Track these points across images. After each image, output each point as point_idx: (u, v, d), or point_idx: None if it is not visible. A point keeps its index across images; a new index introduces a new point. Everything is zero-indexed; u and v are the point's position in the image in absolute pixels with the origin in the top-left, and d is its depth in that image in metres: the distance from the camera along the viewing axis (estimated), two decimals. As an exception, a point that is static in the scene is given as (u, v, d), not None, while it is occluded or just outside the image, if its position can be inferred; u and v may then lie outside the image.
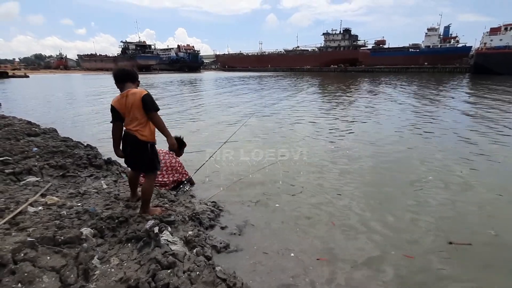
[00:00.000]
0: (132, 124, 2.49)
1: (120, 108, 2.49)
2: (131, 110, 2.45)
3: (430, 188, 4.14)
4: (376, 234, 3.02)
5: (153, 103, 2.48)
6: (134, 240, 2.30)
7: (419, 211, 3.49)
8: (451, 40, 65.74)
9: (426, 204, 3.68)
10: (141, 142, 2.51)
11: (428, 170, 4.82)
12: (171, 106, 13.35)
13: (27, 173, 3.59)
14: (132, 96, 2.45)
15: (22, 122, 7.34)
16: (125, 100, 2.46)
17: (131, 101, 2.44)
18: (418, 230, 3.10)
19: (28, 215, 2.55)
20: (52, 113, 11.59)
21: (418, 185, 4.25)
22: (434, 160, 5.34)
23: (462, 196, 3.91)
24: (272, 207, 3.61)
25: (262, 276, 2.36)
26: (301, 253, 2.68)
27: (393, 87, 23.09)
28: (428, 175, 4.59)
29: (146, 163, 2.63)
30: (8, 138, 5.01)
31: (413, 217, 3.37)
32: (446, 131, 7.77)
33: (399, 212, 3.47)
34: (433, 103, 13.52)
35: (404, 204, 3.69)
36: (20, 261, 1.81)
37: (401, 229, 3.12)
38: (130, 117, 2.48)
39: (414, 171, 4.81)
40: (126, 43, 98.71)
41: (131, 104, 2.44)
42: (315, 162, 5.27)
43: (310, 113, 10.95)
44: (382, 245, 2.84)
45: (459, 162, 5.19)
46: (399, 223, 3.24)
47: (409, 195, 3.94)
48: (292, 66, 78.96)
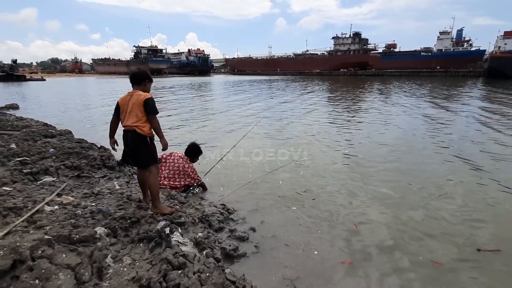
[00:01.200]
0: (131, 120, 2.67)
1: (121, 105, 2.75)
2: (132, 108, 2.67)
3: (453, 194, 4.05)
4: (400, 239, 2.97)
5: (154, 106, 2.70)
6: (146, 240, 2.35)
7: (442, 217, 3.42)
8: (464, 43, 64.43)
9: (449, 210, 3.60)
10: (140, 135, 2.69)
11: (449, 174, 4.74)
12: (180, 109, 13.54)
13: (44, 173, 3.70)
14: (136, 96, 2.70)
15: (39, 123, 7.59)
16: (129, 98, 2.71)
17: (134, 100, 2.68)
18: (444, 236, 3.03)
19: (45, 213, 2.64)
20: (67, 115, 11.94)
21: (440, 190, 4.17)
22: (455, 166, 5.22)
23: (486, 202, 3.82)
24: (281, 210, 3.61)
25: (273, 280, 2.36)
26: (320, 256, 2.67)
27: (405, 91, 22.73)
28: (450, 181, 4.50)
29: (146, 156, 2.79)
30: (26, 139, 5.19)
31: (436, 222, 3.31)
32: (465, 135, 7.61)
33: (422, 218, 3.41)
34: (448, 108, 13.24)
35: (427, 209, 3.62)
36: (38, 258, 1.88)
37: (426, 234, 3.07)
38: (129, 113, 2.68)
39: (435, 176, 4.72)
40: (138, 47, 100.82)
41: (133, 102, 2.67)
42: (326, 166, 5.24)
43: (321, 117, 10.91)
44: (408, 250, 2.79)
45: (481, 169, 5.04)
46: (423, 228, 3.18)
47: (431, 200, 3.86)
48: (301, 70, 78.89)
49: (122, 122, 2.76)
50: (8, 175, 3.50)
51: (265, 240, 2.94)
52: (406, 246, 2.86)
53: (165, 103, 16.13)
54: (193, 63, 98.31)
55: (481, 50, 60.69)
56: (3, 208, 2.61)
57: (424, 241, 2.94)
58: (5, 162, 3.95)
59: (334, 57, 78.28)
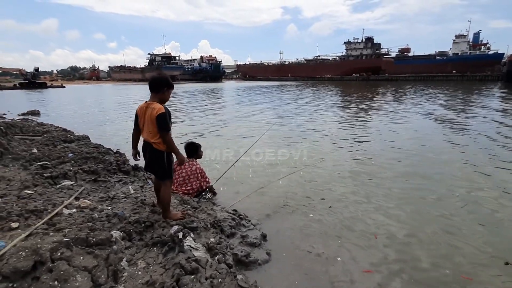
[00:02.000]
0: (149, 135, 2.61)
1: (139, 115, 2.68)
2: (147, 122, 2.59)
3: (475, 204, 3.89)
4: (424, 251, 2.85)
5: (165, 123, 2.54)
6: (159, 245, 2.38)
7: (465, 228, 3.27)
8: (482, 47, 62.60)
9: (472, 221, 3.45)
10: (158, 151, 2.64)
11: (471, 182, 4.59)
12: (191, 114, 13.75)
13: (62, 177, 3.84)
14: (150, 110, 2.56)
15: (59, 129, 7.90)
16: (144, 110, 2.61)
17: (148, 114, 2.57)
18: (469, 249, 2.89)
19: (63, 216, 2.73)
20: (85, 120, 12.37)
21: (461, 199, 4.00)
22: (476, 174, 5.02)
23: (510, 212, 3.66)
24: (294, 217, 3.58)
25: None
26: (339, 264, 2.63)
27: (420, 95, 22.23)
28: (472, 189, 4.34)
29: (162, 170, 2.74)
30: (47, 144, 5.41)
31: (460, 233, 3.17)
32: (485, 141, 7.34)
33: (444, 229, 3.27)
34: (469, 113, 12.84)
35: (449, 219, 3.48)
36: (57, 260, 1.94)
37: (451, 245, 2.94)
38: (145, 127, 2.61)
39: (455, 184, 4.56)
40: (153, 55, 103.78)
41: (148, 117, 2.57)
42: (341, 172, 5.17)
43: (334, 122, 10.81)
44: (433, 263, 2.68)
45: (505, 179, 4.81)
46: (446, 240, 3.05)
47: (452, 210, 3.70)
48: (312, 75, 78.71)
49: (141, 133, 2.73)
50: (30, 179, 3.65)
51: (276, 247, 2.92)
52: (430, 258, 2.75)
53: (179, 110, 16.42)
54: (205, 69, 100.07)
55: (499, 53, 58.75)
56: (25, 211, 2.72)
57: (449, 254, 2.82)
58: (27, 166, 4.12)
59: (346, 62, 77.73)
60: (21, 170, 4.05)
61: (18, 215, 2.64)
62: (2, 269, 1.83)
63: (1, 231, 2.41)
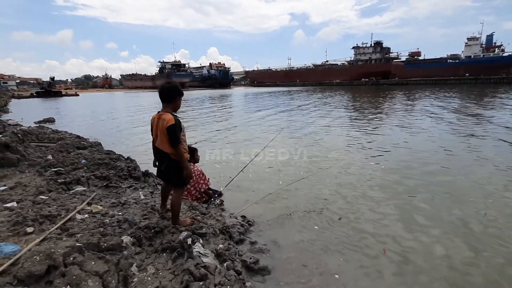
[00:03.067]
0: (164, 146, 2.59)
1: (153, 126, 2.67)
2: (159, 133, 2.58)
3: (498, 215, 3.67)
4: (437, 269, 2.70)
5: (175, 136, 2.52)
6: (168, 250, 2.40)
7: (488, 244, 3.05)
8: (495, 49, 61.10)
9: (495, 236, 3.22)
10: (174, 160, 2.64)
11: (487, 194, 4.35)
12: (200, 121, 13.90)
13: (76, 183, 3.93)
14: (161, 122, 2.55)
15: (72, 136, 8.12)
16: (156, 122, 2.60)
17: (160, 125, 2.56)
18: (491, 266, 2.72)
19: (76, 221, 2.78)
20: (97, 127, 12.69)
21: (484, 207, 3.81)
22: (492, 183, 4.79)
23: None
24: (303, 224, 3.54)
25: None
26: (341, 281, 2.54)
27: (433, 100, 21.81)
28: (493, 197, 4.16)
29: (177, 179, 2.73)
30: (61, 150, 5.57)
31: (482, 249, 2.96)
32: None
33: (465, 244, 3.07)
34: (482, 116, 12.50)
35: (471, 234, 3.25)
36: (70, 264, 1.98)
37: (468, 264, 2.76)
38: (160, 138, 2.59)
39: (472, 196, 4.26)
40: (163, 62, 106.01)
41: (160, 128, 2.56)
42: (353, 179, 5.08)
43: (346, 127, 10.71)
44: (449, 282, 2.50)
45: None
46: (464, 257, 2.85)
47: (470, 222, 3.50)
48: (321, 81, 78.52)
49: (155, 141, 2.69)
50: (45, 185, 3.75)
51: (285, 254, 2.89)
52: (446, 279, 2.56)
53: (189, 117, 16.63)
54: (214, 76, 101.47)
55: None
56: (39, 216, 2.79)
57: (469, 273, 2.64)
58: (42, 172, 4.24)
59: (355, 67, 77.27)
60: (36, 176, 4.17)
61: (33, 220, 2.72)
62: (17, 273, 1.88)
63: (17, 236, 2.48)
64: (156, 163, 2.84)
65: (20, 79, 78.34)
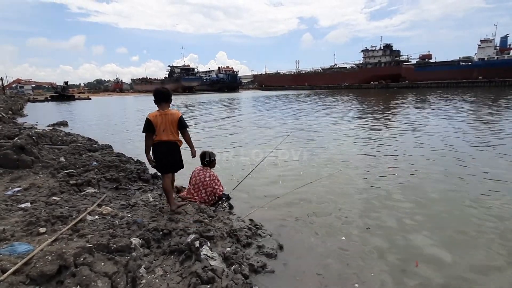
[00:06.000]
0: (170, 136, 3.13)
1: (156, 123, 3.08)
2: (171, 125, 3.12)
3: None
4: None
5: (185, 122, 3.24)
6: (176, 253, 2.41)
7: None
8: (510, 51, 59.54)
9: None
10: (179, 147, 3.25)
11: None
12: (209, 123, 14.00)
13: (87, 184, 4.02)
14: (171, 116, 3.13)
15: (84, 138, 8.30)
16: (164, 117, 3.10)
17: (170, 119, 3.11)
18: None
19: (86, 222, 2.84)
20: (108, 130, 12.94)
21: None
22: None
23: None
24: (311, 229, 3.50)
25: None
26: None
27: (448, 105, 21.36)
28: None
29: (181, 162, 3.34)
30: (73, 153, 5.70)
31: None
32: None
33: (494, 256, 2.89)
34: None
35: (496, 246, 3.04)
36: (80, 265, 2.01)
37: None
38: (169, 131, 3.12)
39: (494, 207, 3.99)
40: (172, 67, 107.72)
41: (171, 121, 3.11)
42: (359, 186, 5.02)
43: (356, 130, 10.60)
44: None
45: None
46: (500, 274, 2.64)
47: (499, 236, 3.25)
48: (329, 84, 78.11)
49: (160, 137, 3.11)
50: (57, 186, 3.85)
51: (293, 259, 2.86)
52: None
53: (198, 120, 16.78)
54: (222, 80, 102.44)
55: (530, 57, 55.67)
56: (52, 217, 2.86)
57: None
58: (55, 174, 4.35)
59: (364, 70, 76.64)
60: (49, 178, 4.28)
61: (46, 220, 2.79)
62: (30, 272, 1.92)
63: (30, 236, 2.55)
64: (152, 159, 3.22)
65: (35, 84, 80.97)
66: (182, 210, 3.33)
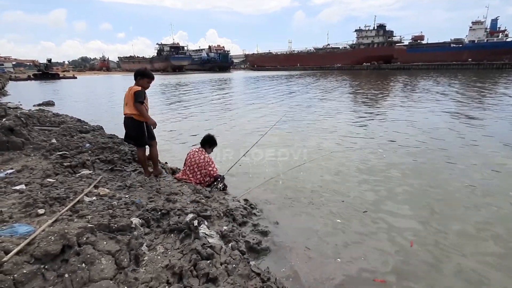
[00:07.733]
0: (126, 110, 3.53)
1: (124, 98, 3.57)
2: (128, 100, 3.50)
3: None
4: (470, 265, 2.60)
5: (139, 97, 3.43)
6: (176, 231, 2.50)
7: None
8: (500, 34, 59.81)
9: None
10: (137, 121, 3.52)
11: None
12: (200, 107, 13.83)
13: (81, 166, 4.00)
14: (129, 91, 3.53)
15: (74, 119, 8.12)
16: (128, 92, 3.53)
17: (129, 94, 3.51)
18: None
19: (85, 204, 2.87)
20: (98, 111, 12.64)
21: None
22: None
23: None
24: (303, 207, 3.66)
25: (294, 276, 2.43)
26: (347, 264, 2.62)
27: (439, 86, 21.62)
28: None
29: (143, 137, 3.60)
30: (64, 134, 5.61)
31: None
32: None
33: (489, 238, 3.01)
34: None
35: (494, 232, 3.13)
36: (83, 244, 2.07)
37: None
38: (128, 104, 3.50)
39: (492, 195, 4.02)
40: (161, 45, 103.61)
41: (130, 95, 3.49)
42: (351, 165, 5.18)
43: (347, 113, 10.71)
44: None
45: None
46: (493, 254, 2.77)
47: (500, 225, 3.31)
48: (322, 65, 77.33)
49: (124, 112, 3.57)
50: (51, 168, 3.82)
51: (286, 236, 3.01)
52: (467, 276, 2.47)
53: (189, 103, 16.50)
54: (213, 59, 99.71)
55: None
56: (49, 198, 2.88)
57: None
58: (48, 156, 4.31)
59: (357, 51, 75.90)
60: (42, 160, 4.24)
61: (43, 202, 2.80)
62: (34, 252, 1.98)
63: (29, 217, 2.57)
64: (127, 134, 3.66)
65: (16, 61, 76.71)
66: (162, 178, 3.79)
